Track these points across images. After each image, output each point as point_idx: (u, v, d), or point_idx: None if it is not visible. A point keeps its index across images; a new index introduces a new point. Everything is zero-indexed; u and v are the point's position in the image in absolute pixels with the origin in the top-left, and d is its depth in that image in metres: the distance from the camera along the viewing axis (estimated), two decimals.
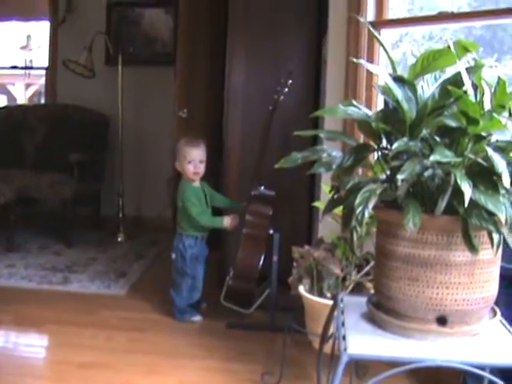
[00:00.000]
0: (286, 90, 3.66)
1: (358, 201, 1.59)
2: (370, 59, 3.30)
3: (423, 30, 3.55)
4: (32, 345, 3.33)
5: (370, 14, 3.35)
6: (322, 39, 3.93)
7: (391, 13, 3.42)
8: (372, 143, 1.83)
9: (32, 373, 2.92)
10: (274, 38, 4.03)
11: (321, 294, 3.05)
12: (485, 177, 1.61)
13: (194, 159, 3.57)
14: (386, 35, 3.38)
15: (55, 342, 3.34)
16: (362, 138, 3.00)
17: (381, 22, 3.32)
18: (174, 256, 3.64)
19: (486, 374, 1.69)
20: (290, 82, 3.66)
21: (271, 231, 3.50)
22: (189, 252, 3.60)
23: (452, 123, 1.61)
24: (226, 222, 3.60)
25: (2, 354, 3.13)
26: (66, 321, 3.52)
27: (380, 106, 3.35)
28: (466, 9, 3.31)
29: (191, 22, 4.15)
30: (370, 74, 3.29)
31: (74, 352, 3.09)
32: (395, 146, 1.59)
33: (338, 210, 2.02)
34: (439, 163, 1.60)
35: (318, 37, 4.03)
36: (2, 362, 3.02)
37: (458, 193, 1.58)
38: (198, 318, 3.62)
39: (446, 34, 3.42)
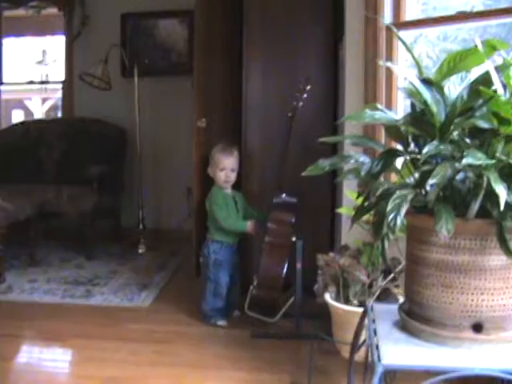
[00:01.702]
0: (305, 95, 3.63)
1: (389, 207, 1.56)
2: (389, 61, 3.26)
3: (438, 31, 3.51)
4: (56, 360, 3.30)
5: (387, 16, 3.31)
6: (339, 43, 3.89)
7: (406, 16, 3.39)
8: (399, 147, 1.79)
9: None
10: (290, 44, 4.00)
11: (347, 302, 3.01)
12: None
13: (226, 168, 3.64)
14: (403, 37, 3.34)
15: (79, 356, 3.31)
16: (383, 142, 2.97)
17: (399, 24, 3.27)
18: (201, 260, 3.70)
19: None
20: (309, 87, 3.63)
21: (294, 238, 3.47)
22: (212, 257, 3.62)
23: (484, 124, 1.57)
24: (249, 226, 3.61)
25: (27, 370, 3.10)
26: (89, 335, 3.49)
27: (400, 107, 3.31)
28: (479, 7, 3.26)
29: (207, 31, 4.12)
30: (389, 76, 3.25)
31: (98, 366, 3.06)
32: (426, 150, 1.55)
33: (364, 216, 1.98)
34: (471, 166, 1.56)
35: (334, 40, 3.99)
36: (26, 378, 3.00)
37: (491, 196, 1.54)
38: (222, 322, 3.61)
39: (460, 34, 3.38)
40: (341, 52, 3.84)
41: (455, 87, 1.73)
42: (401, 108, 3.33)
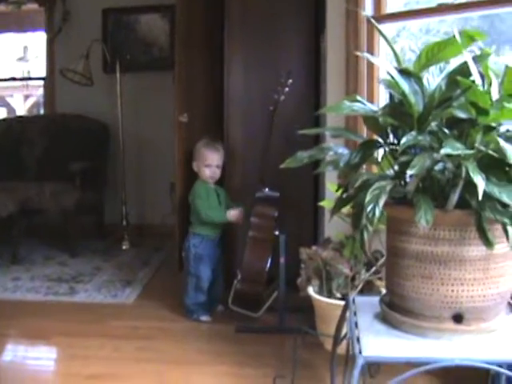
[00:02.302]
0: (287, 89, 3.61)
1: (367, 199, 1.55)
2: (370, 53, 3.25)
3: (420, 24, 3.51)
4: (40, 358, 3.28)
5: (368, 9, 3.31)
6: (321, 35, 3.88)
7: (388, 7, 3.38)
8: (379, 139, 1.78)
9: None
10: (271, 38, 3.99)
11: (330, 295, 3.01)
12: (497, 168, 1.57)
13: (212, 164, 3.66)
14: (384, 30, 3.33)
15: (63, 354, 3.29)
16: (365, 134, 2.97)
17: (380, 17, 3.27)
18: (183, 254, 3.70)
19: (505, 371, 1.64)
20: (290, 81, 3.62)
21: (277, 232, 3.47)
22: (192, 251, 3.61)
23: (461, 114, 1.56)
24: (229, 214, 3.60)
25: (11, 368, 3.09)
26: (73, 332, 3.47)
27: (382, 100, 3.31)
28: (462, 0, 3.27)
29: (188, 26, 4.10)
30: (371, 68, 3.25)
31: (82, 364, 3.05)
32: (404, 140, 1.55)
33: (346, 209, 1.98)
34: (449, 156, 1.55)
35: (316, 34, 3.98)
36: (10, 376, 2.98)
37: (470, 186, 1.54)
38: (205, 317, 3.61)
39: (443, 27, 3.39)
40: (322, 45, 3.83)
41: (434, 78, 1.73)
42: (383, 101, 3.33)
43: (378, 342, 1.68)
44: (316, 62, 4.01)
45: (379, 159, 1.89)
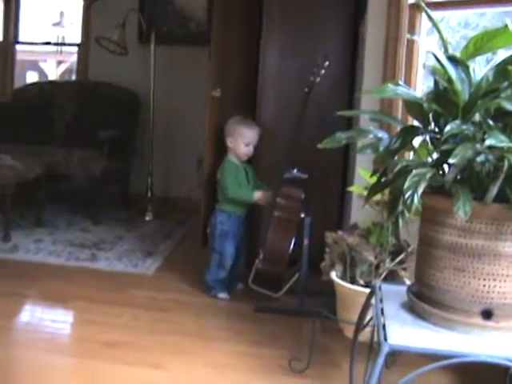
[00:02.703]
0: (323, 71, 3.58)
1: (407, 185, 1.52)
2: (411, 41, 3.20)
3: (459, 17, 3.46)
4: (58, 321, 3.30)
5: None
6: (360, 20, 3.83)
7: None
8: (419, 125, 1.75)
9: (58, 349, 2.90)
10: (310, 21, 3.95)
11: (353, 281, 2.99)
12: None
13: (251, 142, 3.65)
14: (423, 21, 3.28)
15: (81, 319, 3.31)
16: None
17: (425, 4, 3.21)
18: (208, 230, 3.69)
19: None
20: (327, 63, 3.58)
21: (302, 215, 3.44)
22: (218, 228, 3.60)
23: (509, 106, 1.52)
24: (257, 195, 3.59)
25: (29, 330, 3.11)
26: (92, 298, 3.49)
27: (419, 87, 3.27)
28: None
29: (226, 2, 4.07)
30: (410, 54, 3.21)
31: (99, 330, 3.06)
32: (448, 128, 1.51)
33: (375, 196, 1.95)
34: (492, 148, 1.52)
35: (355, 18, 3.93)
36: (28, 337, 3.01)
37: (510, 180, 1.50)
38: (223, 295, 3.60)
39: (482, 21, 3.34)
40: (361, 31, 3.78)
41: (480, 68, 1.69)
42: (419, 89, 3.29)
43: (404, 331, 1.65)
44: (354, 47, 3.96)
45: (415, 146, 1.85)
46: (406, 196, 1.51)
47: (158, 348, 2.89)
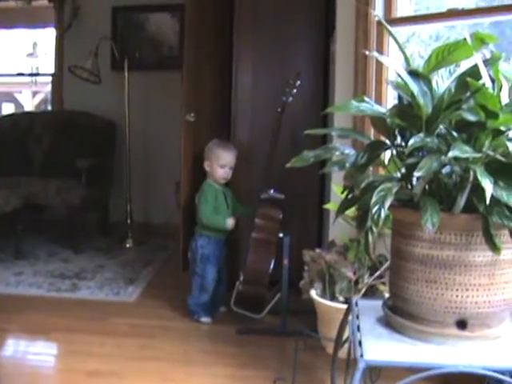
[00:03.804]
0: (295, 91, 3.61)
1: (373, 200, 1.53)
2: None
3: (430, 30, 3.50)
4: (41, 353, 3.27)
5: (378, 12, 3.29)
6: (330, 38, 3.87)
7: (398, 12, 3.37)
8: (386, 140, 1.76)
9: (41, 382, 2.88)
10: (280, 39, 3.98)
11: (333, 298, 2.99)
12: (505, 173, 1.55)
13: (227, 164, 3.63)
14: (394, 34, 3.32)
15: (64, 350, 3.29)
16: (372, 136, 2.96)
17: (390, 20, 3.25)
18: (189, 255, 3.68)
19: (508, 379, 1.62)
20: (299, 82, 3.61)
21: (281, 235, 3.45)
22: (199, 251, 3.59)
23: (471, 117, 1.54)
24: (230, 223, 3.58)
25: (12, 363, 3.08)
26: (74, 328, 3.46)
27: (390, 102, 3.30)
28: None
29: (197, 25, 4.08)
30: (379, 70, 3.24)
31: (83, 360, 3.04)
32: (411, 142, 1.53)
33: (350, 212, 1.96)
34: (457, 159, 1.53)
35: (325, 35, 3.97)
36: (11, 371, 2.97)
37: (477, 190, 1.52)
38: (206, 319, 3.59)
39: (453, 34, 3.37)
40: (331, 47, 3.82)
41: (443, 81, 1.71)
42: (391, 104, 3.31)
43: (380, 346, 1.66)
44: (325, 64, 3.99)
45: (386, 162, 1.87)
46: (373, 211, 1.52)
47: (141, 376, 2.87)
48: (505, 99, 1.62)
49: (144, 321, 3.60)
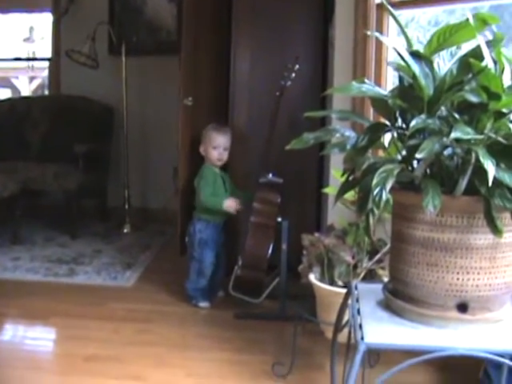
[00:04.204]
0: (293, 75, 3.59)
1: (374, 182, 1.51)
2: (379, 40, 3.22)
3: (429, 16, 3.48)
4: (39, 338, 3.28)
5: None
6: (329, 22, 3.84)
7: None
8: (386, 122, 1.74)
9: (39, 366, 2.87)
10: (280, 23, 3.95)
11: (332, 282, 2.98)
12: (507, 155, 1.53)
13: (220, 146, 3.63)
14: (392, 20, 3.30)
15: (62, 334, 3.28)
16: (372, 118, 2.94)
17: (391, 3, 3.22)
18: (187, 239, 3.67)
19: (509, 362, 1.61)
20: (297, 66, 3.59)
21: (279, 219, 3.44)
22: (197, 236, 3.59)
23: (473, 98, 1.52)
24: (226, 203, 3.56)
25: (9, 348, 3.08)
26: (72, 313, 3.46)
27: (389, 85, 3.28)
28: None
29: (195, 9, 4.05)
30: (379, 54, 3.22)
31: (81, 345, 3.03)
32: (413, 123, 1.51)
33: (349, 196, 1.94)
34: (459, 141, 1.51)
35: (324, 20, 3.94)
36: (9, 356, 2.97)
37: (479, 172, 1.50)
38: (204, 304, 3.59)
39: (452, 19, 3.35)
40: (330, 31, 3.79)
41: (444, 63, 1.69)
42: (390, 86, 3.30)
43: (381, 329, 1.64)
44: (324, 48, 3.97)
45: (386, 144, 1.85)
46: (375, 193, 1.51)
47: (139, 360, 2.87)
48: (507, 81, 1.60)
49: (142, 305, 3.60)
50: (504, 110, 1.55)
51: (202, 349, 3.02)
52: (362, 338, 1.57)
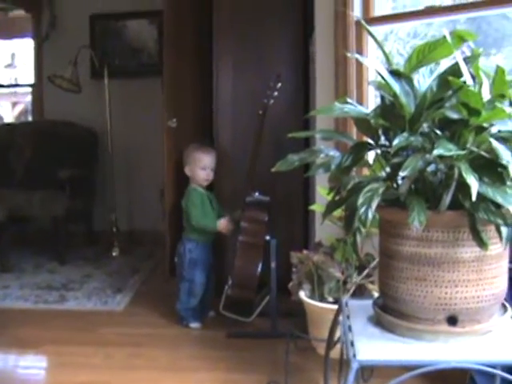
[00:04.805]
0: (276, 93, 3.61)
1: (360, 201, 1.53)
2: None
3: (408, 28, 3.51)
4: (30, 367, 3.25)
5: (356, 11, 3.30)
6: (309, 39, 3.88)
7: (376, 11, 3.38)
8: (370, 141, 1.77)
9: None
10: (260, 42, 3.99)
11: (322, 299, 3.00)
12: (489, 169, 1.56)
13: (207, 166, 3.64)
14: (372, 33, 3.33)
15: (54, 362, 3.26)
16: (355, 135, 2.96)
17: (369, 19, 3.26)
18: (176, 259, 3.67)
19: (500, 373, 1.63)
20: (280, 84, 3.62)
21: (268, 237, 3.45)
22: (187, 256, 3.59)
23: (453, 115, 1.55)
24: (220, 224, 3.57)
25: (2, 379, 3.05)
26: (63, 340, 3.44)
27: (371, 103, 3.31)
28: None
29: (176, 31, 4.08)
30: (360, 71, 3.24)
31: (73, 372, 3.02)
32: (396, 142, 1.53)
33: (337, 212, 1.96)
34: (442, 157, 1.54)
35: (304, 37, 3.98)
36: None
37: (463, 187, 1.53)
38: (195, 324, 3.58)
39: (430, 31, 3.39)
40: (311, 49, 3.82)
41: (425, 79, 1.72)
42: (372, 104, 3.32)
43: (372, 346, 1.66)
44: (305, 65, 4.00)
45: (371, 161, 1.87)
46: (361, 212, 1.53)
47: None
48: (486, 96, 1.63)
49: (133, 329, 3.59)
50: (484, 125, 1.58)
51: (194, 370, 3.01)
52: (355, 356, 1.59)
